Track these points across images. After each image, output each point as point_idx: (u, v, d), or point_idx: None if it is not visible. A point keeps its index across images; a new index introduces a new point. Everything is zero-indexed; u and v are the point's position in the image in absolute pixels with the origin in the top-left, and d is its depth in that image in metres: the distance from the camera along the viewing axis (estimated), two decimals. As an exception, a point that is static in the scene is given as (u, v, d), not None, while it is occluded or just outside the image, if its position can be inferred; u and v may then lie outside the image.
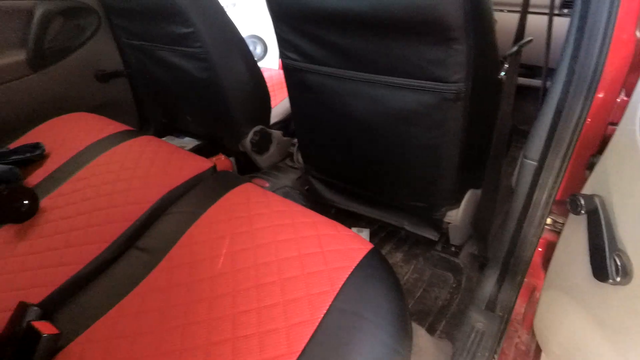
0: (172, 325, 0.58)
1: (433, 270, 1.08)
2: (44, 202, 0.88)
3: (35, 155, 1.02)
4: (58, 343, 0.60)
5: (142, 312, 0.61)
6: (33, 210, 0.85)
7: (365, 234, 1.23)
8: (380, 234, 1.22)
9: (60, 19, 1.27)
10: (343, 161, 1.08)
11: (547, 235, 0.79)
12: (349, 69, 0.82)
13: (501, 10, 1.20)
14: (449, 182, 0.89)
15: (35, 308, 0.63)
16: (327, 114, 0.96)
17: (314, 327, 0.51)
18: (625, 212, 0.46)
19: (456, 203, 0.95)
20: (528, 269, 0.78)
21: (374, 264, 0.59)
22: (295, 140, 1.45)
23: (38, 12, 1.20)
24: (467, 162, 0.86)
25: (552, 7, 0.70)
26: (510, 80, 0.71)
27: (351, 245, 0.63)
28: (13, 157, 1.00)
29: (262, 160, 1.42)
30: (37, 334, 0.58)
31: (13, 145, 1.07)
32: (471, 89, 0.71)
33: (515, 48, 0.67)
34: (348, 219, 1.25)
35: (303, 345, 0.49)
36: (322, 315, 0.52)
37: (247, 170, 1.45)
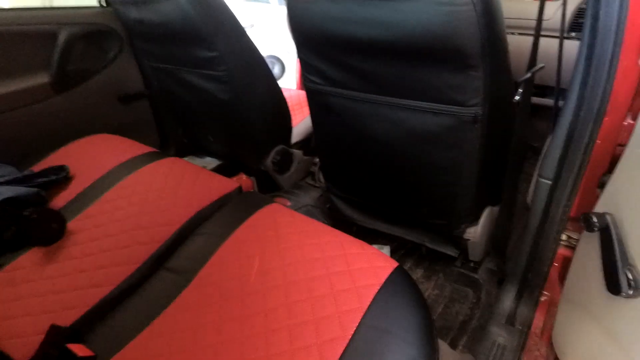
0: (205, 344, 0.60)
1: (453, 286, 1.10)
2: (71, 225, 0.90)
3: (60, 178, 1.05)
4: (93, 364, 0.61)
5: (175, 332, 0.63)
6: (61, 233, 0.87)
7: (386, 250, 1.25)
8: (401, 251, 1.24)
9: (83, 42, 1.32)
10: (364, 180, 1.11)
11: (562, 251, 0.81)
12: (370, 92, 0.86)
13: (512, 34, 1.26)
14: (467, 200, 0.92)
15: (68, 330, 0.65)
16: (348, 135, 1.00)
17: (345, 343, 0.53)
18: (635, 228, 0.48)
19: (475, 220, 0.98)
20: (545, 284, 0.79)
21: (400, 281, 0.61)
22: (316, 159, 1.48)
23: (62, 36, 1.25)
24: (485, 181, 0.89)
25: (562, 32, 0.74)
26: (524, 103, 0.75)
27: (377, 263, 0.65)
28: (38, 180, 1.03)
29: (284, 179, 1.45)
30: (73, 356, 0.60)
31: (37, 168, 1.10)
32: (489, 112, 0.75)
33: (528, 74, 0.71)
34: (369, 236, 1.27)
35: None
36: (353, 332, 0.54)
37: (267, 189, 1.48)
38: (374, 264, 0.65)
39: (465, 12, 0.62)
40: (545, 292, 0.85)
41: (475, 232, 0.96)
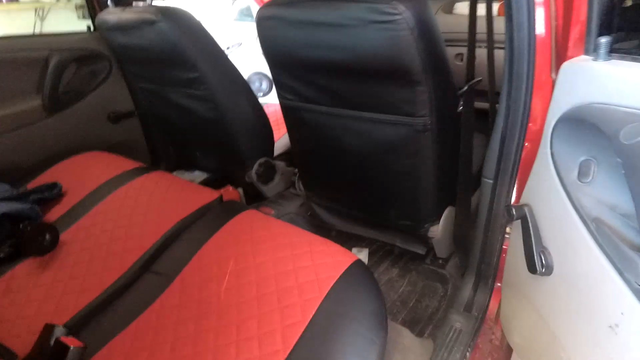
0: (184, 335, 0.67)
1: (425, 282, 1.18)
2: (63, 236, 0.97)
3: (53, 194, 1.12)
4: (83, 356, 0.68)
5: (158, 327, 0.70)
6: (54, 244, 0.94)
7: (364, 253, 1.33)
8: (379, 253, 1.33)
9: (73, 66, 1.39)
10: (338, 187, 1.20)
11: (508, 243, 0.90)
12: (337, 106, 0.96)
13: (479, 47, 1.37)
14: (428, 202, 1.01)
15: (61, 327, 0.72)
16: (321, 147, 1.09)
17: (304, 326, 0.61)
18: (544, 216, 0.57)
19: (436, 220, 1.06)
20: (497, 273, 0.88)
21: (357, 273, 0.70)
22: (297, 169, 1.57)
23: (53, 61, 1.31)
24: (443, 183, 0.98)
25: (490, 44, 0.84)
26: (467, 112, 0.84)
27: (338, 257, 0.73)
28: (32, 197, 1.10)
29: (268, 189, 1.52)
30: (65, 347, 0.67)
31: (31, 185, 1.18)
32: (437, 121, 0.84)
33: (465, 87, 0.80)
34: (349, 241, 1.35)
35: (295, 340, 0.59)
36: (311, 316, 0.62)
37: (254, 199, 1.55)
38: (335, 259, 0.73)
39: (404, 36, 0.72)
40: (499, 282, 0.93)
41: (437, 231, 1.04)
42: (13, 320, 0.77)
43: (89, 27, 1.47)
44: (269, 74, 1.06)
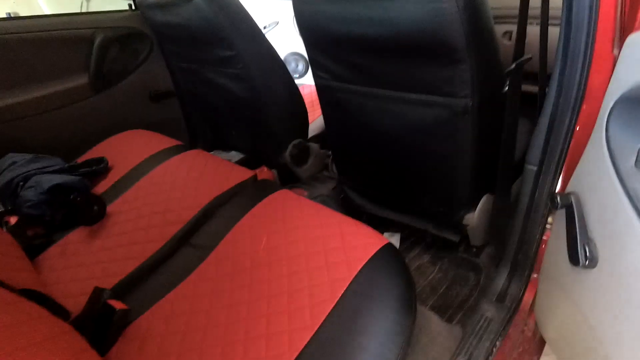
0: (219, 306, 0.70)
1: (456, 270, 1.16)
2: (110, 208, 1.04)
3: (100, 168, 1.20)
4: (128, 318, 0.74)
5: (195, 296, 0.74)
6: (102, 215, 1.01)
7: (395, 238, 1.32)
8: (411, 239, 1.31)
9: (117, 45, 1.45)
10: (372, 171, 1.18)
11: (550, 234, 0.85)
12: (372, 86, 0.93)
13: (512, 23, 1.27)
14: (464, 188, 0.97)
15: (108, 291, 0.78)
16: (355, 128, 1.07)
17: (333, 305, 0.62)
18: (592, 206, 0.53)
19: (472, 207, 1.03)
20: (534, 265, 0.84)
21: (387, 256, 0.69)
22: (330, 151, 1.57)
23: (97, 40, 1.38)
24: (480, 169, 0.94)
25: (545, 21, 0.77)
26: (513, 94, 0.79)
27: (368, 240, 0.73)
28: (82, 170, 1.18)
29: (301, 171, 1.54)
30: (111, 309, 0.72)
31: (81, 160, 1.26)
32: (479, 103, 0.80)
33: (513, 66, 0.75)
34: (381, 225, 1.34)
35: (323, 318, 0.60)
36: (339, 296, 0.63)
37: (288, 180, 1.56)
38: (365, 241, 0.73)
39: (449, 9, 0.67)
40: (536, 273, 0.89)
41: (473, 219, 1.01)
42: (66, 282, 0.84)
43: (130, 6, 1.51)
44: (306, 55, 1.05)
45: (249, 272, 0.75)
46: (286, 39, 2.46)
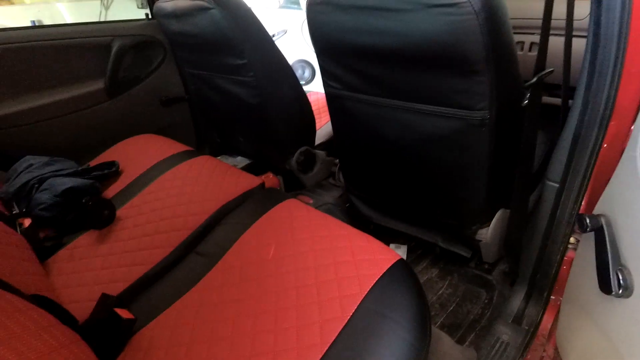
0: (225, 317, 0.69)
1: (467, 286, 1.12)
2: (119, 212, 1.04)
3: (111, 172, 1.20)
4: (133, 327, 0.72)
5: (201, 306, 0.73)
6: (111, 219, 1.01)
7: (402, 250, 1.29)
8: (418, 251, 1.28)
9: (132, 52, 1.48)
10: (381, 180, 1.16)
11: (571, 254, 0.82)
12: (384, 96, 0.91)
13: (532, 34, 1.25)
14: (477, 202, 0.94)
15: (115, 298, 0.77)
16: (365, 137, 1.05)
17: (344, 323, 0.59)
18: (626, 230, 0.50)
19: (486, 222, 1.00)
20: (554, 286, 0.80)
21: (400, 273, 0.67)
22: (338, 160, 1.55)
23: (115, 47, 1.41)
24: (496, 183, 0.91)
25: (569, 31, 0.75)
26: (533, 107, 0.76)
27: (380, 255, 0.70)
28: (93, 173, 1.18)
29: (307, 178, 1.53)
30: (118, 318, 0.71)
31: (93, 163, 1.27)
32: (496, 115, 0.78)
33: (534, 79, 0.73)
34: (387, 236, 1.31)
35: (334, 336, 0.58)
36: (351, 314, 0.60)
37: (293, 187, 1.56)
38: (377, 256, 0.70)
39: (467, 21, 0.66)
40: (555, 295, 0.86)
41: (487, 234, 0.98)
42: (74, 287, 0.83)
43: (147, 15, 1.55)
44: (313, 62, 1.04)
45: (256, 283, 0.73)
46: (294, 47, 2.49)
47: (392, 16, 0.74)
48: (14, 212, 1.02)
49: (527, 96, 0.76)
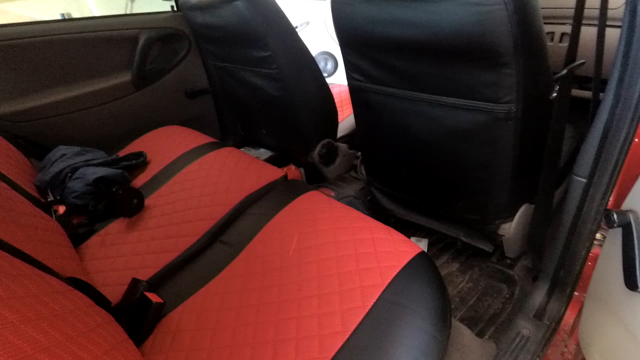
0: (248, 304, 0.71)
1: (488, 281, 1.11)
2: (147, 201, 1.08)
3: (139, 162, 1.25)
4: (162, 311, 0.76)
5: (225, 293, 0.76)
6: (140, 207, 1.05)
7: (423, 243, 1.29)
8: (439, 245, 1.28)
9: (158, 45, 1.51)
10: (403, 174, 1.16)
11: (597, 250, 0.80)
12: (408, 89, 0.91)
13: (563, 24, 1.20)
14: (502, 196, 0.93)
15: (144, 283, 0.81)
16: (388, 131, 1.05)
17: (365, 312, 0.60)
18: (655, 227, 0.49)
19: (510, 216, 0.98)
20: (578, 282, 0.79)
21: (421, 265, 0.67)
22: (359, 153, 1.55)
23: (142, 39, 1.44)
24: (520, 177, 0.89)
25: (602, 22, 0.72)
26: (562, 100, 0.75)
27: (401, 248, 0.71)
28: (122, 163, 1.23)
29: (329, 171, 1.54)
30: (148, 301, 0.75)
31: (121, 153, 1.32)
32: (523, 108, 0.76)
33: (564, 71, 0.71)
34: (407, 229, 1.31)
35: (355, 325, 0.59)
36: (372, 304, 0.61)
37: (314, 180, 1.57)
38: (398, 248, 0.71)
39: (496, 11, 0.64)
40: (579, 291, 0.84)
41: (510, 229, 0.97)
42: (106, 271, 0.88)
43: (172, 7, 1.57)
44: (335, 54, 1.04)
45: (279, 272, 0.75)
46: (316, 38, 2.48)
47: (419, 7, 0.73)
48: (49, 200, 1.08)
49: (556, 89, 0.74)
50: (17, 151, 1.18)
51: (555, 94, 0.74)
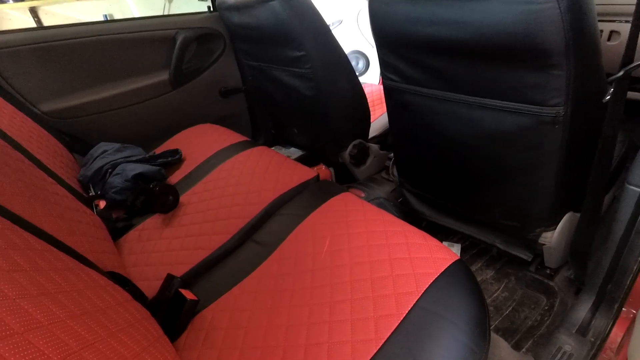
0: (281, 305, 0.71)
1: (525, 290, 1.06)
2: (182, 198, 1.11)
3: (175, 159, 1.28)
4: (196, 308, 0.78)
5: (258, 292, 0.76)
6: (176, 204, 1.08)
7: (456, 248, 1.25)
8: (472, 251, 1.24)
9: (194, 44, 1.55)
10: (437, 177, 1.13)
11: (651, 265, 0.75)
12: (446, 90, 0.88)
13: (612, 21, 1.12)
14: (544, 203, 0.89)
15: (179, 279, 0.83)
16: (423, 132, 1.02)
17: (399, 320, 0.59)
18: None
19: (552, 225, 0.93)
20: (628, 297, 0.74)
21: (458, 273, 0.65)
22: (391, 154, 1.52)
23: (179, 39, 1.48)
24: (566, 184, 0.84)
25: None
26: (616, 103, 0.70)
27: (437, 254, 0.69)
28: (159, 160, 1.27)
29: (360, 172, 1.52)
30: (183, 298, 0.77)
31: (158, 150, 1.36)
32: (572, 111, 0.72)
33: (620, 73, 0.66)
34: (439, 233, 1.28)
35: (389, 333, 0.58)
36: (407, 311, 0.60)
37: (344, 180, 1.57)
38: (434, 255, 0.69)
39: (548, 10, 0.61)
40: (628, 307, 0.79)
41: (552, 238, 0.92)
42: (142, 266, 0.91)
43: (208, 8, 1.60)
44: (367, 53, 1.02)
45: (311, 274, 0.75)
46: (349, 37, 2.46)
47: (464, 6, 0.70)
48: (90, 194, 1.13)
49: (610, 91, 0.69)
50: (63, 147, 1.24)
51: (608, 97, 0.69)
